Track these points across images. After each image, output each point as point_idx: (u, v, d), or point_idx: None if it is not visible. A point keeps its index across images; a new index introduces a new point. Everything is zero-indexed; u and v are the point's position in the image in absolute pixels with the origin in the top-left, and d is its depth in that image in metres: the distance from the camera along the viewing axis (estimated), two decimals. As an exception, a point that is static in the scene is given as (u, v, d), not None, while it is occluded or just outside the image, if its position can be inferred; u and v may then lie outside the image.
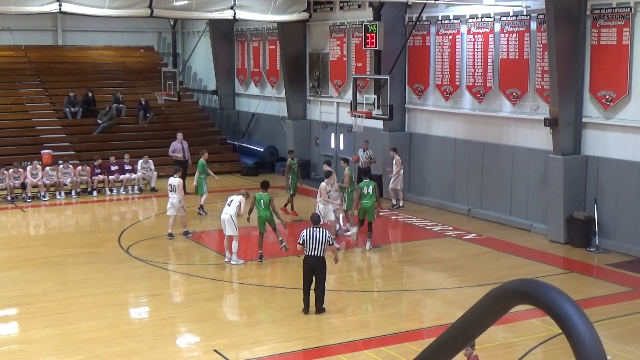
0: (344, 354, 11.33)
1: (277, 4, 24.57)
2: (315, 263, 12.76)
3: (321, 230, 12.86)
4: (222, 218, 16.15)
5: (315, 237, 12.69)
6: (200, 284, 14.95)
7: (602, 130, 17.56)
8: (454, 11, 21.13)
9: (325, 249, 12.79)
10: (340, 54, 25.53)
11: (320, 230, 12.81)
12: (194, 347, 11.85)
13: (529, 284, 4.06)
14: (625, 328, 12.54)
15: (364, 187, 17.20)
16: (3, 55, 31.63)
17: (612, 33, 16.95)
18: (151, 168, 24.91)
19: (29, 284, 14.91)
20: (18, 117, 28.56)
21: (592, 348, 3.52)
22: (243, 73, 31.45)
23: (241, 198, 16.19)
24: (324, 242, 12.72)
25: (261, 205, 16.19)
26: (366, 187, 17.24)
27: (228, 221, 15.99)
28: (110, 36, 33.94)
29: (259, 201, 16.23)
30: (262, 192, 16.43)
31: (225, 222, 16.05)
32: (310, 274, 12.85)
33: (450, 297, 14.24)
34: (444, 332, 4.79)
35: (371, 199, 17.17)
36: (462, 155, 21.24)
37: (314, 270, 12.80)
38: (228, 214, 16.02)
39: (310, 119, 27.50)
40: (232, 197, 16.37)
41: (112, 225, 20.57)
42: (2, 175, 22.96)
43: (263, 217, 16.16)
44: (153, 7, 22.76)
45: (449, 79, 21.46)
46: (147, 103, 29.83)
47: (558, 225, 17.94)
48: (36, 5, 21.55)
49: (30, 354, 11.38)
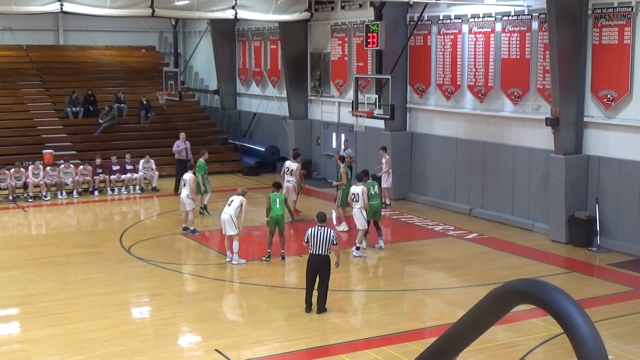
0: (346, 354, 11.33)
1: (278, 3, 24.57)
2: (319, 262, 12.78)
3: (326, 229, 12.85)
4: (222, 218, 16.11)
5: (320, 236, 12.69)
6: (201, 284, 14.96)
7: (604, 129, 17.55)
8: (455, 11, 21.12)
9: (329, 248, 12.78)
10: (342, 54, 25.53)
11: (325, 229, 12.81)
12: (195, 347, 11.85)
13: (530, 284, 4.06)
14: (627, 328, 12.53)
15: (370, 188, 17.19)
16: (5, 55, 31.67)
17: (614, 32, 16.93)
18: (152, 168, 24.92)
19: (31, 283, 14.92)
20: (19, 117, 28.59)
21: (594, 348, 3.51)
22: (244, 73, 31.46)
23: (242, 199, 16.14)
24: (328, 241, 12.72)
25: (276, 205, 16.23)
26: (372, 187, 17.28)
27: (228, 221, 15.95)
28: (111, 36, 33.95)
29: (274, 201, 16.26)
30: (276, 192, 16.49)
31: (225, 222, 16.02)
32: (314, 272, 12.86)
33: (451, 297, 14.24)
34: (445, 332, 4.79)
35: (378, 199, 17.27)
36: (464, 154, 21.23)
37: (318, 269, 12.82)
38: (228, 213, 15.97)
39: (312, 118, 27.50)
40: (232, 197, 16.31)
41: (114, 225, 20.57)
42: (3, 175, 22.99)
43: (274, 217, 16.17)
44: (154, 6, 22.76)
45: (451, 79, 21.45)
46: (148, 103, 29.85)
47: (559, 224, 17.93)
48: (38, 5, 21.56)
49: (32, 354, 11.38)
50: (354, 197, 16.79)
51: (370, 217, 17.09)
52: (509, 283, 4.05)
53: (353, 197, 16.77)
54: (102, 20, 27.94)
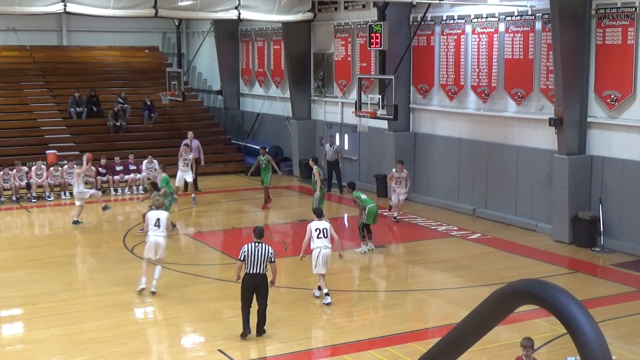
0: (349, 354, 11.33)
1: (281, 4, 24.58)
2: (256, 281, 11.73)
3: (264, 245, 11.81)
4: (156, 241, 14.03)
5: (257, 253, 11.68)
6: (205, 284, 14.97)
7: (607, 130, 17.53)
8: (458, 11, 21.12)
9: (266, 266, 11.77)
10: (345, 54, 25.53)
11: (263, 246, 11.77)
12: (198, 347, 11.86)
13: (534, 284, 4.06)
14: (631, 328, 12.52)
15: (360, 195, 17.12)
16: (8, 55, 31.71)
17: (617, 33, 16.92)
18: (156, 168, 24.88)
19: (34, 284, 14.94)
20: (23, 117, 28.61)
21: (597, 348, 3.52)
22: (248, 73, 31.47)
23: (167, 214, 14.42)
24: (266, 259, 11.73)
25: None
26: (362, 194, 17.25)
27: (162, 243, 14.14)
28: (114, 36, 33.99)
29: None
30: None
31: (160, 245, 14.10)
32: (251, 293, 11.78)
33: (455, 297, 14.23)
34: (449, 332, 4.79)
35: (372, 201, 17.19)
36: (467, 155, 21.22)
37: (254, 289, 11.77)
38: (162, 235, 14.11)
39: (315, 119, 27.51)
40: (157, 216, 14.15)
41: (117, 225, 20.59)
42: (7, 175, 23.02)
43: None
44: (158, 7, 22.77)
45: (454, 79, 21.44)
46: (151, 103, 29.87)
47: (563, 225, 17.92)
48: (41, 6, 21.57)
49: (35, 354, 11.40)
50: (318, 233, 13.56)
51: (371, 221, 16.98)
52: (512, 283, 4.05)
53: (317, 233, 13.55)
54: (105, 20, 27.96)
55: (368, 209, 16.79)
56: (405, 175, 20.06)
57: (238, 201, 23.46)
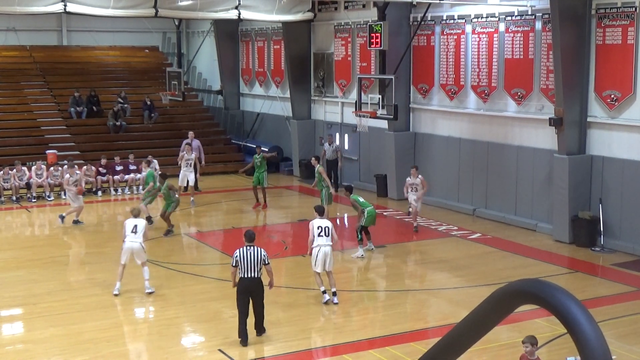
0: (349, 354, 11.33)
1: (281, 4, 24.57)
2: (251, 286, 11.60)
3: (256, 248, 11.69)
4: (131, 247, 13.98)
5: (250, 257, 11.56)
6: (205, 284, 14.97)
7: (607, 129, 17.53)
8: (458, 11, 21.11)
9: (261, 269, 11.68)
10: (345, 54, 25.53)
11: (255, 249, 11.66)
12: (198, 347, 11.86)
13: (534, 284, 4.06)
14: (631, 328, 12.52)
15: (358, 198, 17.09)
16: (8, 55, 31.72)
17: (617, 32, 16.92)
18: (156, 168, 24.91)
19: (34, 283, 14.95)
20: (23, 117, 28.63)
21: (598, 348, 3.52)
22: (248, 73, 31.47)
23: (145, 222, 14.51)
24: (260, 262, 11.60)
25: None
26: (359, 197, 17.24)
27: (138, 250, 14.07)
28: (115, 36, 33.99)
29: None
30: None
31: (134, 250, 14.04)
32: (246, 298, 11.63)
33: (455, 297, 14.23)
34: (449, 332, 4.79)
35: (369, 204, 17.13)
36: (467, 155, 21.22)
37: (250, 294, 11.64)
38: (137, 241, 14.01)
39: (315, 118, 27.51)
40: (134, 222, 14.19)
41: (117, 225, 20.54)
42: (7, 175, 23.02)
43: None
44: (158, 7, 22.78)
45: (454, 79, 21.44)
46: (151, 103, 29.88)
47: (563, 225, 17.92)
48: (41, 6, 21.58)
49: (35, 354, 11.40)
50: (320, 231, 13.53)
51: (369, 224, 16.93)
52: (512, 283, 4.05)
53: (319, 231, 13.55)
54: (105, 20, 27.97)
55: (367, 212, 16.75)
56: (419, 181, 19.07)
57: (238, 201, 23.46)
